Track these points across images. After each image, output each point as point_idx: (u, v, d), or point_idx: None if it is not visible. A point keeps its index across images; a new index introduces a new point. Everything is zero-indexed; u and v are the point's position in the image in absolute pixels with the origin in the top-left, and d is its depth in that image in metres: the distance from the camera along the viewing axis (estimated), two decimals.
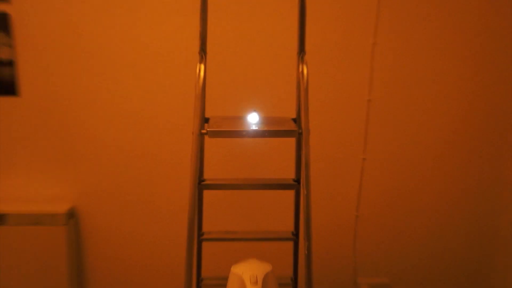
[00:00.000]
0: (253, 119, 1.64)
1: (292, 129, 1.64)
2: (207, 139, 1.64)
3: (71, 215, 2.20)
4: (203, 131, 1.57)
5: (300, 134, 1.58)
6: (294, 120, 1.71)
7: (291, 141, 1.74)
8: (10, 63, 2.06)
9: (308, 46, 1.65)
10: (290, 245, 1.83)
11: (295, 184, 1.75)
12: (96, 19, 2.08)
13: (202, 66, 1.57)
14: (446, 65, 2.21)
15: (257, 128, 1.61)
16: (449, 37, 2.19)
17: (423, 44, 2.19)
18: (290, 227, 1.82)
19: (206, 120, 1.67)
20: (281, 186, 1.83)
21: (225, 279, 1.57)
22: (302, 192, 1.60)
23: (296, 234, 1.81)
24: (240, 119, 1.67)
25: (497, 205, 2.32)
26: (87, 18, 2.08)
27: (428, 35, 2.18)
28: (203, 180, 1.72)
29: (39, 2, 2.04)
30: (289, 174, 1.80)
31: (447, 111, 2.25)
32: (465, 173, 2.31)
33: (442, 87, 2.23)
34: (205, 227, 1.81)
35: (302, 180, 1.60)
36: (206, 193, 1.78)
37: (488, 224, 2.35)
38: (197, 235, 1.75)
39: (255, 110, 1.65)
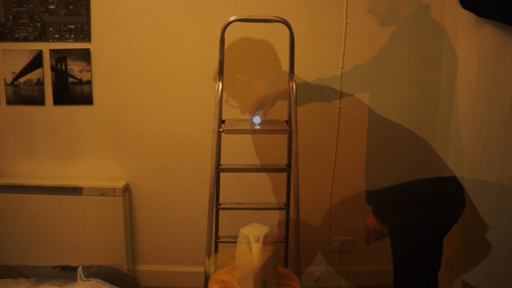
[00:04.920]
0: (256, 121, 1.64)
1: (285, 128, 1.63)
2: (223, 135, 1.61)
3: (126, 189, 2.16)
4: (221, 129, 1.56)
5: (291, 132, 1.57)
6: (286, 121, 1.68)
7: (284, 137, 1.70)
8: (89, 82, 2.10)
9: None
10: (283, 213, 1.78)
11: (287, 168, 1.70)
12: (146, 51, 2.08)
13: (220, 83, 1.56)
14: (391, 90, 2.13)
15: (259, 127, 1.62)
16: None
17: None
18: (283, 199, 1.77)
19: (223, 121, 1.63)
20: (277, 169, 1.83)
21: (236, 237, 1.53)
22: (292, 174, 1.57)
23: (287, 204, 1.75)
24: (247, 120, 1.67)
25: None
26: (141, 51, 2.08)
27: None
28: (220, 165, 1.68)
29: (109, 42, 2.07)
30: (283, 161, 1.75)
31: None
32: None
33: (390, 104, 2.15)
34: (221, 199, 1.76)
35: (292, 165, 1.57)
36: (222, 175, 1.75)
37: None
38: (215, 205, 1.70)
39: (257, 114, 1.65)
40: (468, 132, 1.76)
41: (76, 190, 2.07)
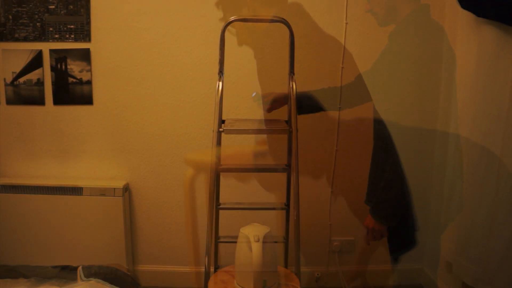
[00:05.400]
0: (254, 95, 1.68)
1: (284, 128, 1.63)
2: (223, 135, 1.61)
3: (126, 189, 2.16)
4: (221, 129, 1.56)
5: (291, 132, 1.57)
6: (286, 121, 1.69)
7: (284, 137, 1.70)
8: (89, 82, 2.10)
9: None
10: (283, 213, 1.78)
11: (287, 168, 1.70)
12: (146, 51, 2.08)
13: (220, 83, 1.56)
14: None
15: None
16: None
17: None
18: (283, 199, 1.77)
19: (223, 121, 1.63)
20: (277, 169, 1.82)
21: (236, 237, 1.53)
22: (292, 174, 1.57)
23: (287, 205, 1.76)
24: (247, 120, 1.69)
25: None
26: (141, 51, 2.08)
27: None
28: (221, 165, 1.66)
29: (109, 42, 2.07)
30: (282, 161, 1.75)
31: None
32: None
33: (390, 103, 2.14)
34: (221, 199, 1.76)
35: (292, 165, 1.57)
36: (222, 174, 1.75)
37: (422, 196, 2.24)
38: (215, 205, 1.69)
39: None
40: (467, 131, 1.76)
41: (76, 190, 2.08)
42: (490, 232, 1.60)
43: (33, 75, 2.09)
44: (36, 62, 2.08)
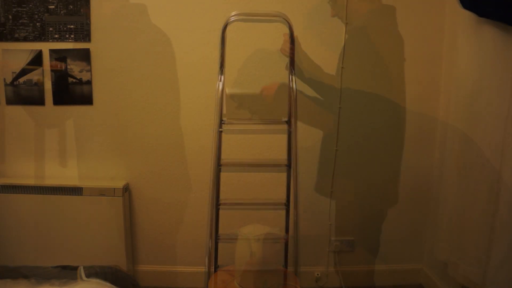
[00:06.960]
0: None
1: (285, 128, 1.64)
2: (224, 134, 1.62)
3: (126, 189, 2.16)
4: (221, 129, 1.58)
5: (291, 132, 1.59)
6: (286, 121, 1.69)
7: (284, 136, 1.71)
8: (89, 82, 2.10)
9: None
10: (283, 212, 1.78)
11: (287, 167, 1.70)
12: (146, 51, 2.08)
13: (221, 83, 1.58)
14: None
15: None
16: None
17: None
18: (283, 199, 1.78)
19: (223, 121, 1.64)
20: (277, 168, 1.82)
21: (236, 237, 1.53)
22: (292, 173, 1.59)
23: (287, 204, 1.76)
24: (247, 120, 1.70)
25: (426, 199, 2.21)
26: (141, 51, 2.08)
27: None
28: (221, 164, 1.68)
29: (109, 42, 2.07)
30: (282, 160, 1.75)
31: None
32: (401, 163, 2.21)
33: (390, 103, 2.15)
34: (221, 199, 1.75)
35: (292, 165, 1.59)
36: (223, 174, 1.74)
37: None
38: (216, 204, 1.69)
39: None
40: (466, 130, 1.76)
41: (76, 190, 2.07)
42: (490, 233, 1.60)
43: (33, 75, 2.09)
44: (36, 62, 2.08)
